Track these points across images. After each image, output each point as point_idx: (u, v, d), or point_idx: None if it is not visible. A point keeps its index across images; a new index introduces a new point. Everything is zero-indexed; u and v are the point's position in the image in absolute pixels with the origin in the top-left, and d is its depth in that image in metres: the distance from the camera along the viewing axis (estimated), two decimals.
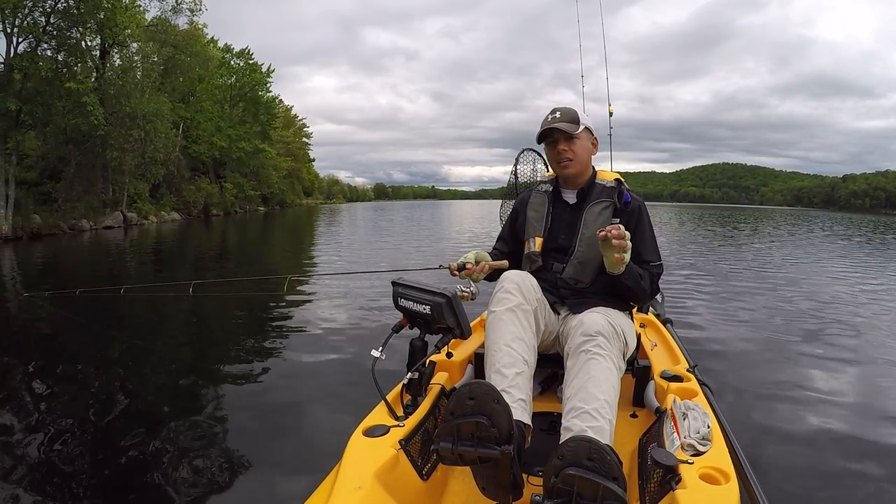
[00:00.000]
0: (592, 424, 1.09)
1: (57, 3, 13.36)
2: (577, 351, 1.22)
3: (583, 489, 0.87)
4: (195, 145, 26.89)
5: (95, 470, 1.90)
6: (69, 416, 2.37)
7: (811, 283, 6.71)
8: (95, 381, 2.91)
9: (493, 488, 1.04)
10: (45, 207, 15.00)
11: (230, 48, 32.11)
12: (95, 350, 3.49)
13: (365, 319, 4.27)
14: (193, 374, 3.06)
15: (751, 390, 2.73)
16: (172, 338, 4.00)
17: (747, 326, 4.21)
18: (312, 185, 60.91)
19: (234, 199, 30.21)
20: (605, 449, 0.89)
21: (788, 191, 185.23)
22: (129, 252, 11.19)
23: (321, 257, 9.83)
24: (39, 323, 4.42)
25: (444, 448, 0.99)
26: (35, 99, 13.36)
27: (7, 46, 13.16)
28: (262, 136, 33.87)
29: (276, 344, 3.69)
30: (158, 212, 21.07)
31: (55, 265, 9.05)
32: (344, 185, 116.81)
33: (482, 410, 0.98)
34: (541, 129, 1.53)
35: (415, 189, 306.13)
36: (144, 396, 2.70)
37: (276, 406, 2.51)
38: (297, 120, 51.33)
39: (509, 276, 1.41)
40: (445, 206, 67.18)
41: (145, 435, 2.16)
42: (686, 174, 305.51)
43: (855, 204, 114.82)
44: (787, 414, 2.44)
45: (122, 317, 4.49)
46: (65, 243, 12.46)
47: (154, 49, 18.99)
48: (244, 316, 4.64)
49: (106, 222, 16.81)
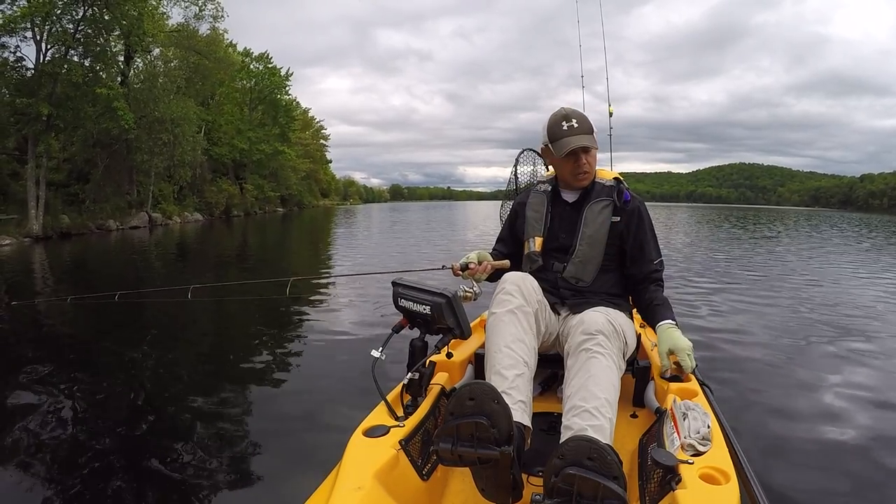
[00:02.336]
0: (593, 423, 1.09)
1: (86, 11, 13.85)
2: (578, 349, 1.22)
3: (583, 488, 0.87)
4: (216, 147, 27.52)
5: (91, 470, 1.91)
6: (68, 418, 2.40)
7: (814, 282, 6.57)
8: (91, 387, 2.88)
9: (493, 489, 1.04)
10: (73, 208, 15.56)
11: (249, 52, 32.79)
12: (90, 357, 3.48)
13: (365, 320, 4.27)
14: (192, 378, 3.08)
15: (751, 390, 2.70)
16: (169, 342, 3.99)
17: (748, 326, 4.16)
18: (329, 186, 61.66)
19: (255, 200, 30.79)
20: (605, 448, 0.89)
21: (806, 191, 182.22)
22: (155, 251, 11.55)
23: (335, 258, 9.95)
24: (33, 330, 4.35)
25: (444, 449, 0.99)
26: (66, 104, 13.87)
27: (37, 53, 13.71)
28: (282, 138, 34.48)
29: (277, 345, 3.71)
30: (182, 212, 21.63)
31: (86, 263, 9.40)
32: (360, 186, 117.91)
33: (482, 411, 0.98)
34: (565, 143, 1.46)
35: (430, 190, 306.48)
36: (141, 399, 2.71)
37: (276, 407, 2.53)
38: (315, 122, 52.08)
39: (510, 278, 1.41)
40: (461, 207, 67.23)
41: (143, 435, 2.18)
42: (702, 174, 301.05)
43: (873, 204, 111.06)
44: (788, 414, 2.42)
45: (118, 323, 4.44)
46: (93, 242, 12.93)
47: (176, 54, 19.53)
48: (245, 319, 4.65)
49: (132, 222, 17.36)
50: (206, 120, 25.11)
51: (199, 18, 20.25)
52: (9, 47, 13.51)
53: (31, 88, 13.29)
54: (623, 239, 1.53)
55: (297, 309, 4.79)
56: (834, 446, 2.11)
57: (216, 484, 1.84)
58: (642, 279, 1.53)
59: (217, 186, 26.57)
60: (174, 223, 20.02)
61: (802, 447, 2.09)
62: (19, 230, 12.55)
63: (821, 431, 2.24)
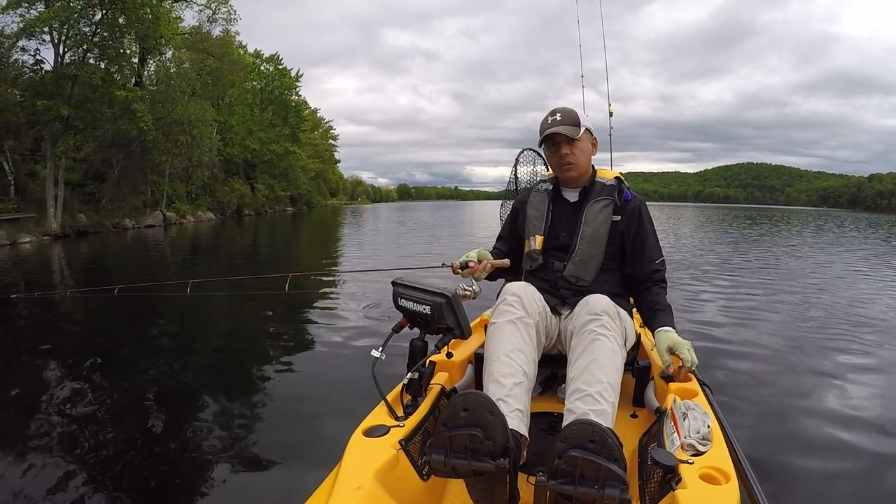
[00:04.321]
0: (595, 408, 1.11)
1: (104, 15, 14.13)
2: (582, 329, 1.23)
3: (585, 470, 0.88)
4: (228, 148, 27.88)
5: (87, 467, 1.92)
6: (66, 414, 2.42)
7: (816, 283, 6.49)
8: (85, 382, 2.88)
9: (487, 502, 1.02)
10: (89, 207, 15.90)
11: (260, 54, 33.12)
12: (83, 352, 3.50)
13: (365, 319, 4.26)
14: (189, 375, 3.09)
15: (751, 390, 2.69)
16: (167, 338, 4.00)
17: (748, 326, 4.13)
18: (337, 186, 62.05)
19: (265, 199, 31.11)
20: (606, 432, 0.90)
21: (814, 191, 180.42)
22: (170, 249, 11.79)
23: (342, 255, 10.02)
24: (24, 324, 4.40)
25: (437, 460, 0.97)
26: (86, 106, 14.18)
27: (55, 56, 14.03)
28: (292, 138, 34.81)
29: (276, 345, 3.70)
30: (195, 211, 22.00)
31: (104, 260, 9.61)
32: (367, 185, 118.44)
33: (476, 422, 0.96)
34: (542, 133, 1.52)
35: (438, 190, 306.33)
36: (138, 397, 2.70)
37: (276, 406, 2.52)
38: (324, 122, 52.45)
39: (512, 289, 1.39)
40: (469, 207, 67.15)
41: (141, 435, 2.19)
42: (710, 174, 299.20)
43: (881, 204, 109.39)
44: (788, 414, 2.41)
45: (117, 318, 4.46)
46: (110, 240, 13.21)
47: (189, 56, 19.81)
48: (244, 317, 4.66)
49: (147, 221, 17.72)
50: (217, 120, 25.44)
51: (213, 22, 20.65)
52: (28, 50, 13.95)
53: (50, 90, 13.60)
54: (623, 238, 1.52)
55: (297, 307, 4.78)
56: (834, 446, 2.09)
57: (214, 483, 1.83)
58: (643, 279, 1.52)
59: (229, 186, 26.92)
60: (188, 222, 20.35)
61: (803, 447, 2.09)
62: (38, 228, 12.86)
63: (821, 432, 2.23)
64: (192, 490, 1.81)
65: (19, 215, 13.06)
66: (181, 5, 19.12)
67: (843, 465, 1.94)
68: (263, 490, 1.80)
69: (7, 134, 13.74)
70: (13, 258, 9.24)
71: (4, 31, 13.72)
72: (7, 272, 7.66)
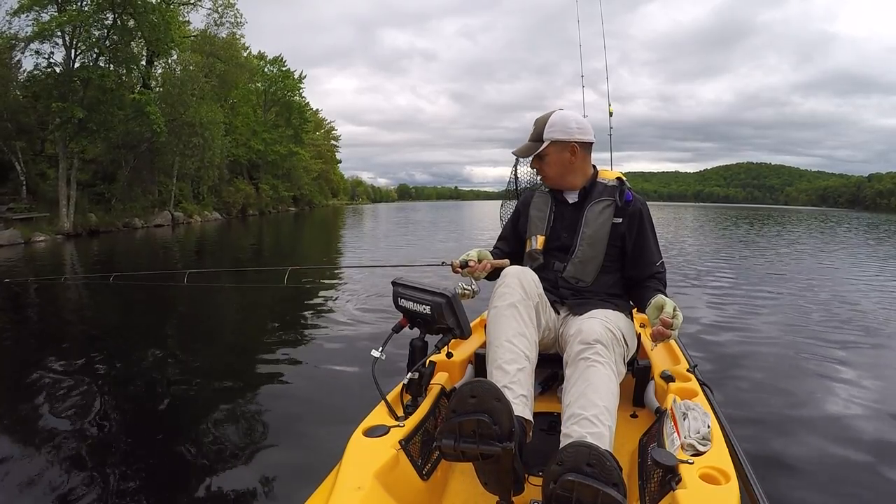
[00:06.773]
0: (592, 431, 1.09)
1: (115, 19, 14.28)
2: (576, 359, 1.22)
3: (582, 495, 0.86)
4: (233, 149, 28.01)
5: (83, 463, 1.92)
6: (64, 409, 2.42)
7: (816, 283, 6.44)
8: (77, 379, 2.85)
9: (495, 483, 1.06)
10: (99, 207, 16.11)
11: (264, 55, 33.28)
12: (72, 346, 3.53)
13: (365, 319, 4.23)
14: (187, 372, 3.07)
15: (751, 390, 2.68)
16: (162, 332, 3.97)
17: (748, 326, 4.11)
18: (338, 186, 62.20)
19: (270, 199, 31.25)
20: (604, 455, 0.89)
21: (813, 190, 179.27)
22: (178, 247, 11.95)
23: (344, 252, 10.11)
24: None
25: (447, 445, 1.01)
26: (98, 108, 14.34)
27: (66, 59, 14.15)
28: (295, 139, 34.97)
29: (275, 344, 3.66)
30: (202, 211, 22.20)
31: (116, 258, 9.78)
32: (367, 186, 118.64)
33: (484, 408, 0.99)
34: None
35: (438, 190, 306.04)
36: (135, 395, 2.69)
37: (275, 406, 2.50)
38: (326, 123, 52.62)
39: (510, 272, 1.41)
40: (469, 207, 67.11)
41: (138, 433, 2.18)
42: (710, 174, 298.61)
43: (881, 204, 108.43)
44: (788, 414, 2.39)
45: (111, 307, 4.44)
46: (121, 239, 13.40)
47: (196, 59, 19.94)
48: (242, 310, 4.61)
49: (156, 221, 17.95)
50: (223, 122, 25.59)
51: (219, 25, 20.82)
52: (43, 53, 14.08)
53: (64, 93, 13.75)
54: (624, 240, 1.52)
55: (296, 303, 4.75)
56: (834, 446, 2.08)
57: (213, 484, 1.82)
58: (644, 281, 1.52)
59: (234, 186, 27.09)
60: (195, 222, 20.56)
61: (803, 447, 2.08)
62: (52, 227, 13.09)
63: (821, 432, 2.22)
64: (191, 489, 1.78)
65: (33, 214, 13.26)
66: (188, 9, 19.26)
67: (844, 465, 1.93)
68: (263, 490, 1.79)
69: (19, 135, 13.94)
70: (29, 256, 9.51)
71: (18, 35, 13.93)
72: (23, 268, 7.95)
